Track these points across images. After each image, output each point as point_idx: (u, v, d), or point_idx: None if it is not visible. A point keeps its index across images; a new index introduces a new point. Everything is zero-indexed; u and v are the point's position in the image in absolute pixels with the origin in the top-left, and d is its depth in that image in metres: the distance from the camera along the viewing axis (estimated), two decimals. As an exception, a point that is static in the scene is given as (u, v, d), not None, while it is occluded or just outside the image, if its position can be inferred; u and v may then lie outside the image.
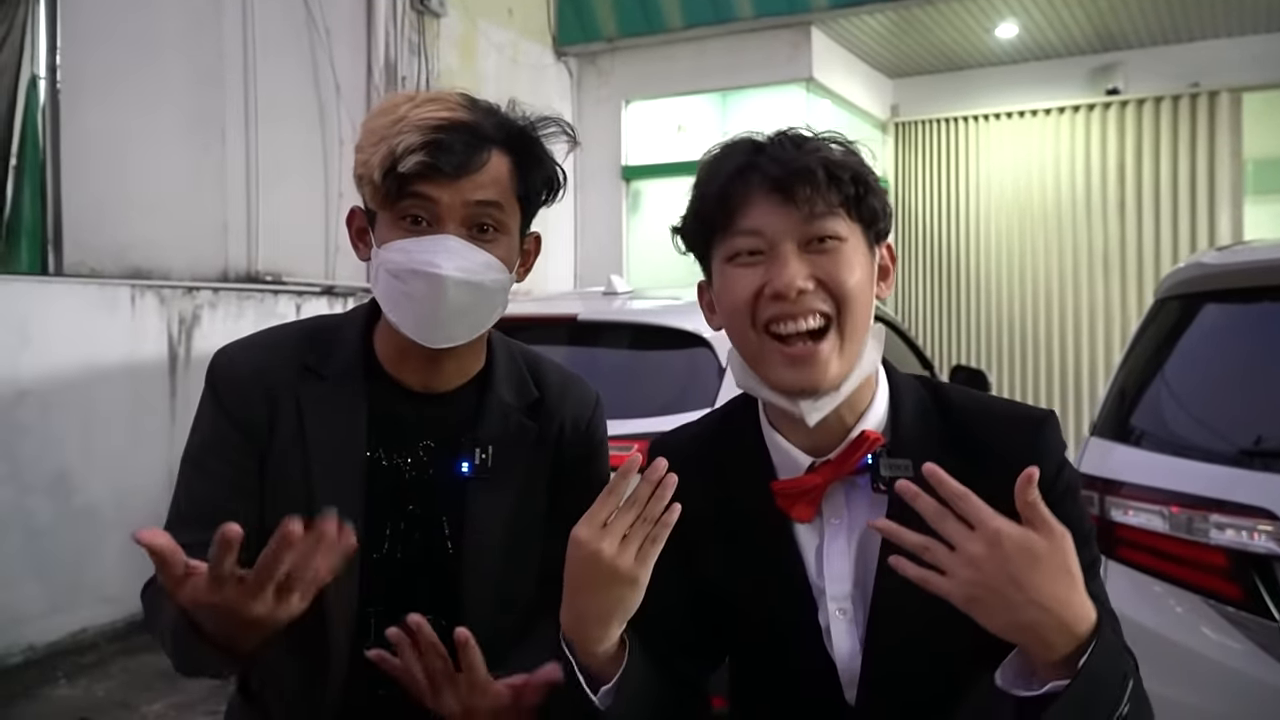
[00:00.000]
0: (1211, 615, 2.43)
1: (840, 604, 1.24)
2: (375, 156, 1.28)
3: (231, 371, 1.40)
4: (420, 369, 1.42)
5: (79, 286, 4.92)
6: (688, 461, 1.30)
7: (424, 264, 1.29)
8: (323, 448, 1.37)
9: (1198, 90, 8.25)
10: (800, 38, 7.94)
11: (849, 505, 1.26)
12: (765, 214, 1.20)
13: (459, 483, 1.42)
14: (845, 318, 1.18)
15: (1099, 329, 8.60)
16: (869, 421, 1.25)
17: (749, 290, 1.20)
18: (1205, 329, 2.84)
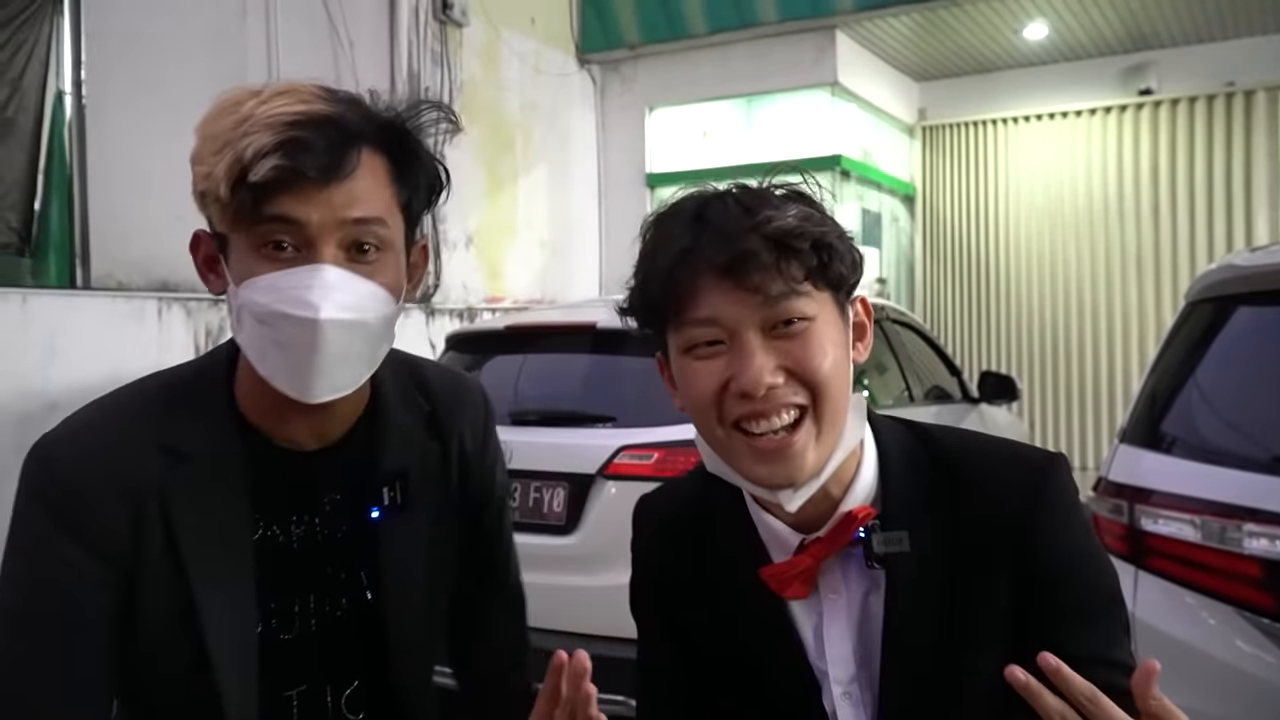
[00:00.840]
0: (1245, 627, 2.37)
1: (845, 687, 1.16)
2: (219, 166, 1.05)
3: (74, 478, 1.10)
4: (305, 423, 1.20)
5: (106, 299, 4.96)
6: (674, 529, 1.29)
7: (297, 305, 1.06)
8: (200, 551, 1.13)
9: (1233, 89, 8.12)
10: (825, 41, 7.88)
11: (845, 581, 1.17)
12: (718, 302, 1.07)
13: (369, 530, 1.25)
14: (821, 407, 1.08)
15: (1132, 334, 8.48)
16: (856, 494, 1.16)
17: (712, 387, 1.08)
18: (1238, 332, 2.77)
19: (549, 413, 3.44)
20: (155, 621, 1.12)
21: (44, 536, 1.10)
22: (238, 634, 1.15)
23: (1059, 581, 1.11)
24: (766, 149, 8.41)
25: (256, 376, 1.14)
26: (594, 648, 3.59)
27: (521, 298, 7.69)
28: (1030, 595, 1.11)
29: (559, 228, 8.28)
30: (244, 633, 1.16)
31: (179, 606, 1.12)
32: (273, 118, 1.05)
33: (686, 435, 3.24)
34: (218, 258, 1.15)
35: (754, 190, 1.14)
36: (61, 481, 1.10)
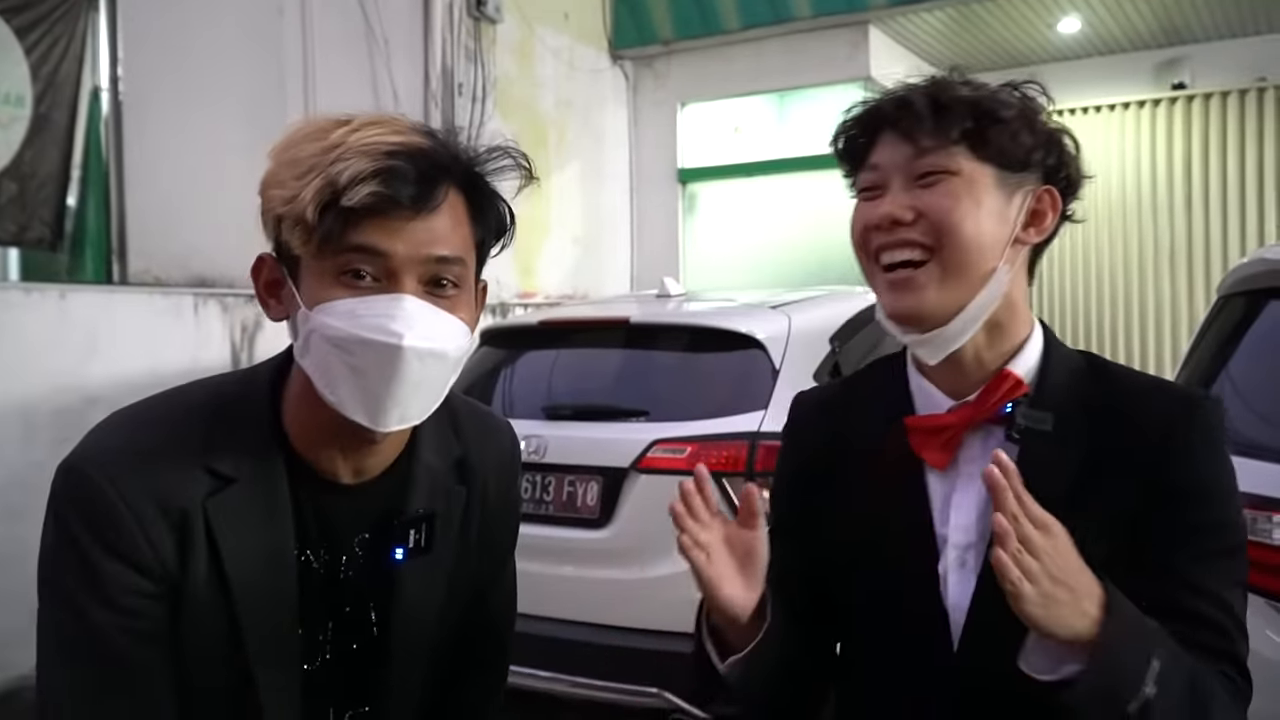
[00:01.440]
0: (1276, 618, 2.37)
1: (961, 554, 1.22)
2: (308, 190, 1.04)
3: (120, 495, 1.08)
4: (353, 457, 1.20)
5: (144, 295, 5.03)
6: (825, 405, 1.42)
7: (379, 331, 1.06)
8: (246, 572, 1.13)
9: (1265, 84, 8.05)
10: (858, 36, 7.88)
11: (983, 455, 1.21)
12: (884, 150, 1.23)
13: (389, 570, 1.24)
14: (945, 251, 1.17)
15: (1165, 326, 8.42)
16: (1016, 367, 1.24)
17: (863, 221, 1.24)
18: (1270, 325, 2.77)
19: (582, 407, 3.47)
20: (199, 639, 1.12)
21: (89, 557, 1.08)
22: (283, 657, 1.17)
23: (1189, 503, 1.17)
24: (799, 144, 8.41)
25: (309, 404, 1.14)
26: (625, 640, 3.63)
27: (553, 294, 7.74)
28: (1158, 507, 1.16)
29: (591, 224, 8.32)
30: (288, 656, 1.18)
31: (225, 632, 1.13)
32: (369, 145, 1.06)
33: (719, 429, 3.27)
34: (283, 282, 1.14)
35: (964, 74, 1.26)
36: (101, 497, 1.08)
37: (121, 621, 1.08)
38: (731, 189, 8.64)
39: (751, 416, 3.23)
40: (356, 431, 1.13)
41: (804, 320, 3.63)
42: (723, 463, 3.19)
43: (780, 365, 3.39)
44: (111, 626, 1.08)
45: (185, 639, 1.12)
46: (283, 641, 1.17)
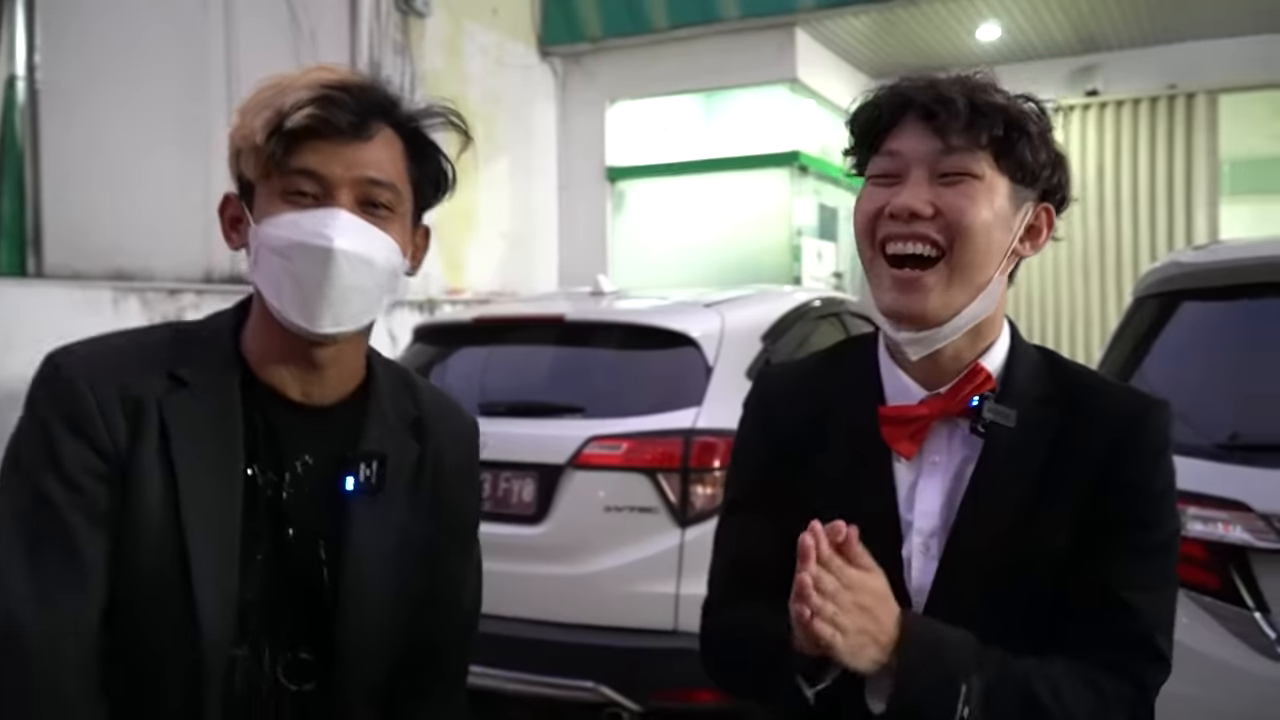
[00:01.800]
0: (1188, 605, 2.48)
1: (925, 539, 1.27)
2: (258, 120, 1.17)
3: (87, 380, 1.19)
4: (300, 374, 1.28)
5: (61, 288, 4.91)
6: (794, 382, 1.42)
7: (313, 236, 1.18)
8: (193, 469, 1.20)
9: (1175, 91, 8.35)
10: (785, 38, 7.99)
11: (949, 447, 1.28)
12: (908, 138, 1.23)
13: (339, 502, 1.28)
14: (958, 252, 1.19)
15: (1079, 326, 8.69)
16: (985, 363, 1.28)
17: (873, 207, 1.24)
18: (1182, 327, 2.89)
19: (518, 404, 3.48)
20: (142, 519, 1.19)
21: (53, 433, 1.17)
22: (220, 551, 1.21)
23: (1136, 500, 1.24)
24: (726, 144, 8.50)
25: (263, 325, 1.26)
26: (562, 636, 3.65)
27: (481, 290, 7.71)
28: (1104, 501, 1.23)
29: (520, 219, 8.31)
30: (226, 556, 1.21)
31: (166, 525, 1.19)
32: (312, 80, 1.19)
33: (654, 426, 3.31)
34: (242, 216, 1.26)
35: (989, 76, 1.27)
36: (70, 381, 1.19)
37: (71, 497, 1.16)
38: (659, 187, 8.70)
39: (686, 413, 3.27)
40: (302, 349, 1.25)
41: (736, 319, 3.68)
42: (658, 459, 3.23)
43: (714, 363, 3.44)
44: (61, 499, 1.16)
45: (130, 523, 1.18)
46: (222, 541, 1.21)
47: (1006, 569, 1.22)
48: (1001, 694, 1.14)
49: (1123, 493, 1.23)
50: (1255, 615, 2.36)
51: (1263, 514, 2.35)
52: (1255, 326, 2.81)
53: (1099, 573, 1.21)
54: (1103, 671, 1.19)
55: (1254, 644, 2.35)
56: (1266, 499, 2.36)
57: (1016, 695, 1.15)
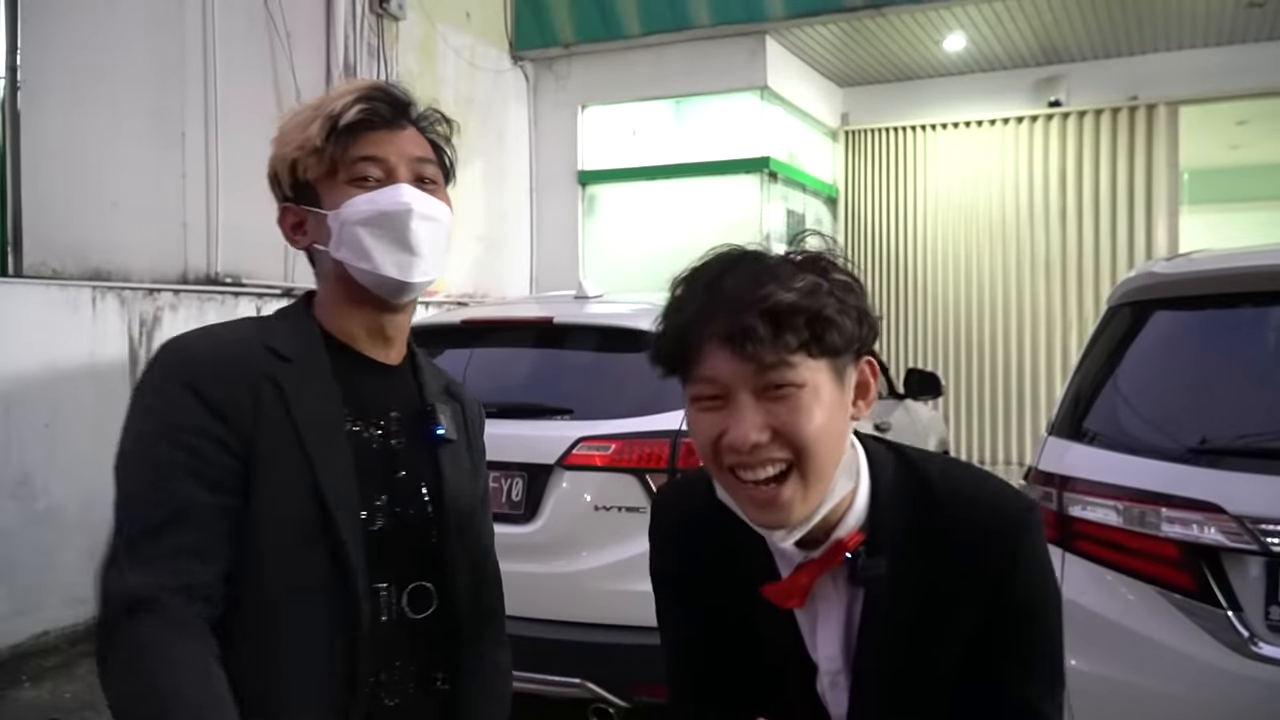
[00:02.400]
0: (1163, 604, 2.56)
1: (833, 677, 1.34)
2: (311, 129, 1.37)
3: (206, 357, 1.32)
4: (379, 338, 1.47)
5: (40, 288, 4.90)
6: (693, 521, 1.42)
7: (393, 204, 1.38)
8: (310, 424, 1.35)
9: (1136, 103, 8.53)
10: (756, 46, 8.08)
11: (836, 590, 1.32)
12: (719, 364, 1.19)
13: (428, 449, 1.49)
14: (805, 464, 1.20)
15: (1041, 331, 8.85)
16: (849, 522, 1.30)
17: (711, 436, 1.22)
18: (1155, 334, 2.99)
19: (507, 405, 3.52)
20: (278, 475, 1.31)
21: (178, 405, 1.28)
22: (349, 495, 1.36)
23: (1021, 619, 1.29)
24: (696, 149, 8.58)
25: (343, 301, 1.44)
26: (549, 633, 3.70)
27: (455, 292, 7.74)
28: (990, 631, 1.28)
29: (493, 222, 8.34)
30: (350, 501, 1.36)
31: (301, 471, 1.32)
32: (349, 89, 1.40)
33: (642, 427, 3.37)
34: (304, 218, 1.43)
35: (769, 262, 1.25)
36: (197, 366, 1.31)
37: (193, 463, 1.26)
38: (630, 191, 8.76)
39: (673, 415, 3.33)
40: (378, 317, 1.44)
41: (719, 323, 3.74)
42: (645, 459, 3.29)
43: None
44: (184, 466, 1.25)
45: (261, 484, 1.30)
46: (345, 486, 1.36)
47: (905, 690, 1.30)
48: None
49: (1012, 616, 1.28)
50: (1228, 614, 2.45)
51: (1235, 515, 2.44)
52: (1225, 335, 2.92)
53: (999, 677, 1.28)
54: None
55: (1227, 641, 2.44)
56: (1238, 501, 2.45)
57: None
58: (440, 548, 1.46)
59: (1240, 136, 10.74)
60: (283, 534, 1.30)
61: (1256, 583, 2.44)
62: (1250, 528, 2.42)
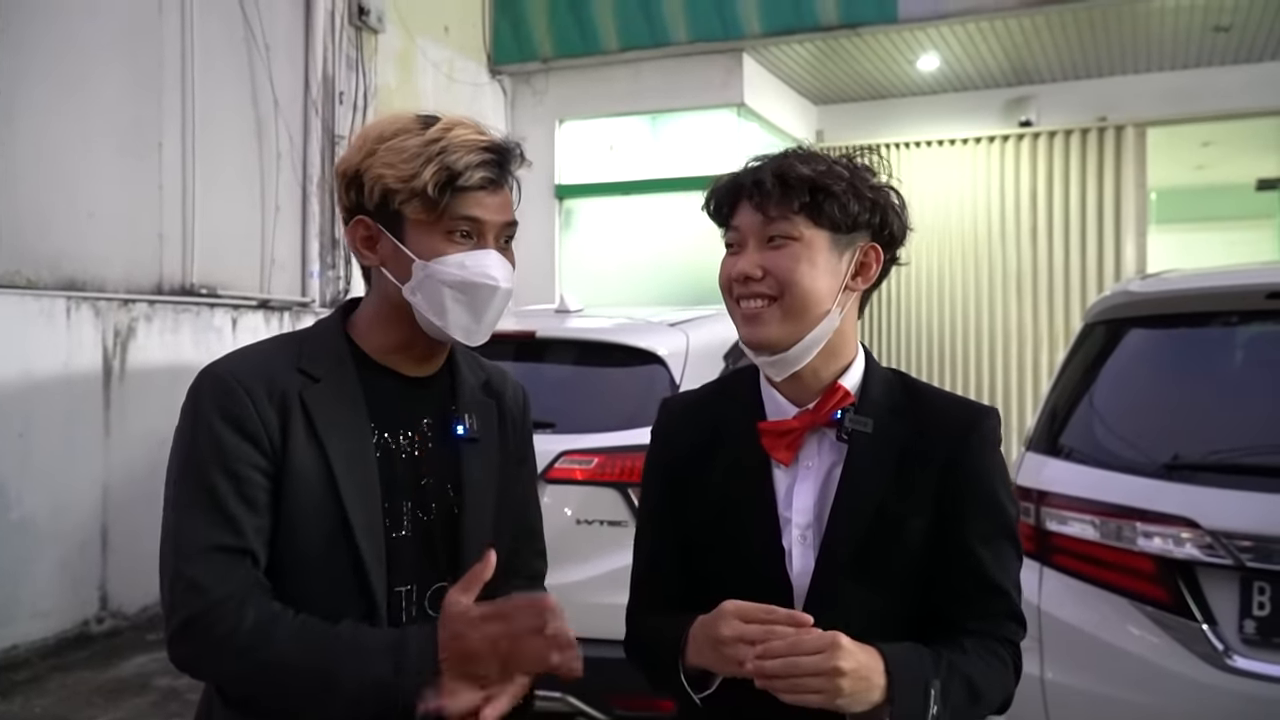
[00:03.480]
0: (1138, 616, 2.62)
1: (802, 531, 1.51)
2: (423, 172, 1.41)
3: (241, 385, 1.42)
4: (419, 359, 1.56)
5: (14, 297, 4.86)
6: (690, 411, 1.68)
7: (483, 277, 1.46)
8: (335, 442, 1.44)
9: (1105, 124, 8.65)
10: (733, 63, 8.15)
11: (819, 453, 1.54)
12: (741, 215, 1.51)
13: (454, 448, 1.57)
14: (786, 298, 1.46)
15: (1013, 349, 8.94)
16: (844, 382, 1.54)
17: (725, 275, 1.53)
18: (1130, 352, 3.05)
19: (489, 418, 3.54)
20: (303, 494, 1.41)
21: (217, 432, 1.39)
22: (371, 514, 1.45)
23: (973, 489, 1.51)
24: (672, 165, 8.62)
25: (392, 325, 1.52)
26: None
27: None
28: (951, 492, 1.50)
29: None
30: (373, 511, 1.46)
31: (325, 489, 1.43)
32: (470, 141, 1.45)
33: (624, 441, 3.39)
34: (379, 238, 1.50)
35: (809, 150, 1.54)
36: (228, 384, 1.42)
37: (233, 486, 1.38)
38: (607, 206, 8.79)
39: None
40: (428, 344, 1.53)
41: (700, 337, 3.78)
42: (627, 473, 3.31)
43: (681, 380, 3.53)
44: (226, 489, 1.38)
45: (289, 504, 1.41)
46: (369, 502, 1.46)
47: (873, 550, 1.47)
48: (952, 685, 1.39)
49: (968, 480, 1.50)
50: (1203, 627, 2.50)
51: (1209, 530, 2.50)
52: (1197, 352, 2.98)
53: (971, 560, 1.49)
54: (997, 643, 1.49)
55: (1201, 654, 2.49)
56: (1212, 516, 2.51)
57: (962, 684, 1.41)
58: (462, 546, 1.54)
59: (1205, 157, 10.93)
60: (309, 545, 1.42)
61: (1230, 596, 2.49)
62: (1224, 542, 2.48)
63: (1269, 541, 2.44)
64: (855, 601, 1.45)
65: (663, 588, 1.63)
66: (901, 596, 1.49)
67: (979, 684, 1.43)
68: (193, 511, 1.38)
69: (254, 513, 1.39)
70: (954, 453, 1.50)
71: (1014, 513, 1.56)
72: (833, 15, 7.73)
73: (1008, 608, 1.51)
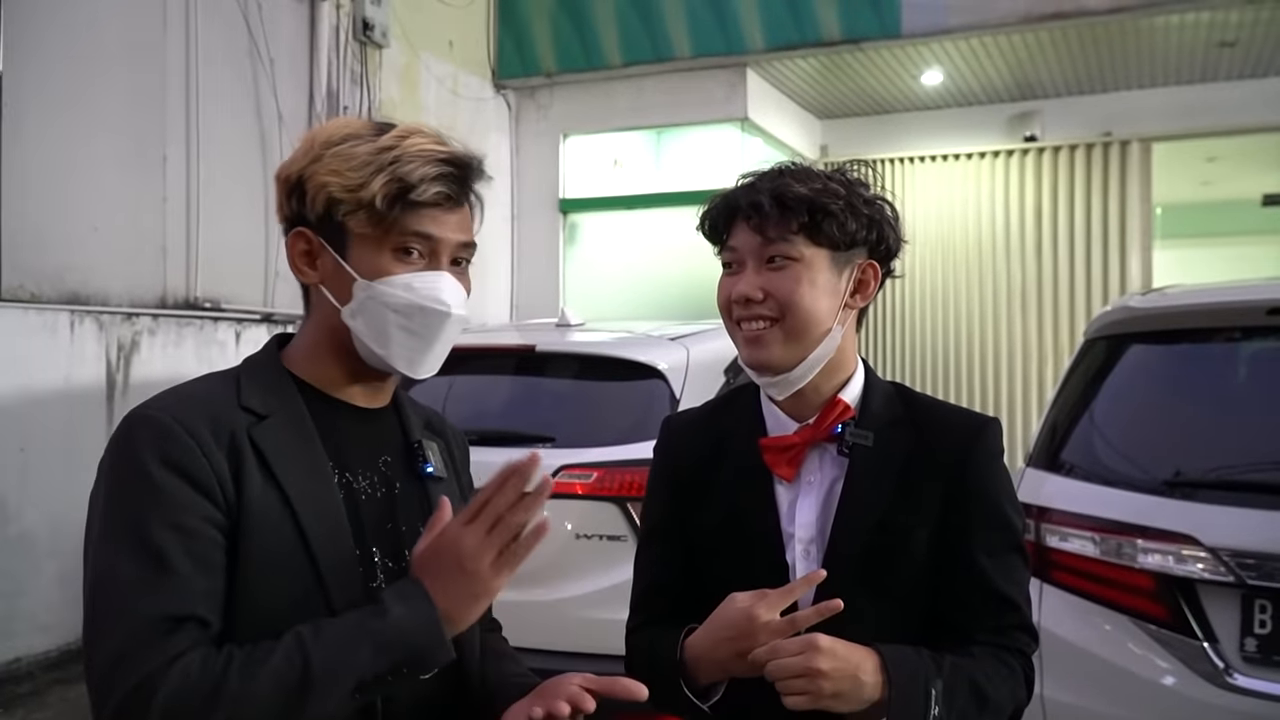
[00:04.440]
0: (1138, 634, 2.60)
1: (805, 546, 1.51)
2: (376, 182, 1.26)
3: (182, 427, 1.22)
4: (369, 390, 1.41)
5: (18, 311, 4.86)
6: (692, 428, 1.68)
7: (433, 301, 1.31)
8: (295, 482, 1.27)
9: (1110, 139, 8.64)
10: (736, 78, 8.15)
11: (821, 468, 1.54)
12: (739, 236, 1.51)
13: (423, 487, 1.43)
14: (788, 320, 1.46)
15: (1017, 363, 8.91)
16: (844, 396, 1.54)
17: (727, 294, 1.53)
18: (1131, 367, 3.04)
19: (488, 432, 3.53)
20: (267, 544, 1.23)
21: (158, 482, 1.18)
22: (346, 568, 1.28)
23: (978, 500, 1.50)
24: (676, 179, 8.63)
25: (335, 354, 1.37)
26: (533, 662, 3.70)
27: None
28: (955, 503, 1.49)
29: (473, 250, 8.33)
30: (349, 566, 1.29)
31: (291, 537, 1.25)
32: (426, 152, 1.30)
33: (623, 455, 3.38)
34: (319, 252, 1.34)
35: (802, 170, 1.52)
36: (166, 425, 1.21)
37: (181, 543, 1.17)
38: (611, 220, 8.79)
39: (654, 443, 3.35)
40: (375, 373, 1.38)
41: (700, 352, 3.78)
42: (627, 487, 3.30)
43: (680, 394, 3.52)
44: (172, 548, 1.17)
45: (255, 553, 1.22)
46: (342, 551, 1.29)
47: (877, 564, 1.47)
48: (956, 688, 1.38)
49: (972, 491, 1.50)
50: (1204, 645, 2.48)
51: (1210, 547, 2.48)
52: (1199, 368, 2.97)
53: (978, 573, 1.48)
54: (1006, 652, 1.47)
55: (1202, 672, 2.47)
56: (1213, 533, 2.49)
57: (967, 687, 1.40)
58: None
59: (1211, 173, 10.90)
60: (273, 602, 1.22)
61: (1231, 614, 2.47)
62: (1225, 559, 2.46)
63: (1271, 559, 2.42)
64: (861, 616, 1.43)
65: (664, 605, 1.61)
66: (908, 609, 1.49)
67: (986, 689, 1.42)
68: (130, 574, 1.15)
69: (206, 573, 1.18)
70: (957, 463, 1.50)
71: (1020, 523, 1.55)
72: (835, 30, 7.73)
73: (1018, 619, 1.50)
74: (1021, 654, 1.50)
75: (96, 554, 1.19)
